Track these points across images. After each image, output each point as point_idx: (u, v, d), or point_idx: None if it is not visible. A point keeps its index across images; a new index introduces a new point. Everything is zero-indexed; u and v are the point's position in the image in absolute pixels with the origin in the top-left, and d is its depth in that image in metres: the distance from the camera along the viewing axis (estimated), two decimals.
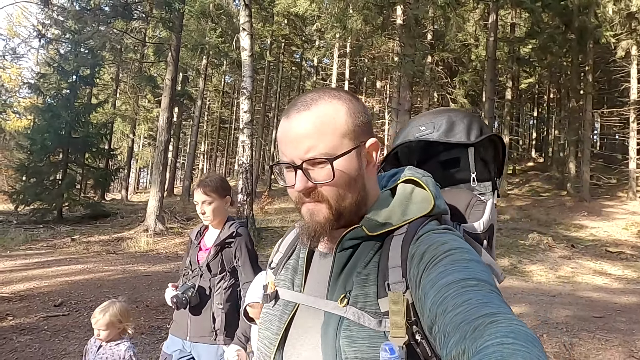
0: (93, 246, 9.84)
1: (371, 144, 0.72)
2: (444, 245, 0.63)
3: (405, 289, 0.63)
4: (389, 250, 0.68)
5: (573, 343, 3.85)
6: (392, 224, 0.69)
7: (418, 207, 0.71)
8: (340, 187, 0.68)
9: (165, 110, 11.14)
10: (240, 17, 9.51)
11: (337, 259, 0.71)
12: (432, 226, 0.69)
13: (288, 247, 0.84)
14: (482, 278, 0.56)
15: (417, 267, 0.62)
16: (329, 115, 0.68)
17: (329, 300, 0.68)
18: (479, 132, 0.95)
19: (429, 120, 0.98)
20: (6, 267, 7.03)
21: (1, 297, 5.16)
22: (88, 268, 7.03)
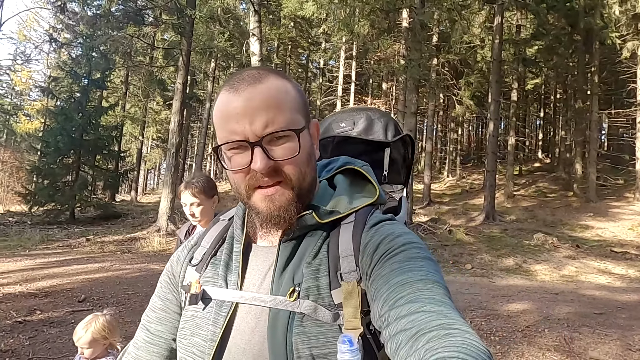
0: (107, 246, 10.13)
1: (315, 124, 0.71)
2: (399, 238, 0.61)
3: (359, 279, 0.61)
4: (339, 239, 0.65)
5: (573, 337, 4.03)
6: (340, 212, 0.67)
7: (363, 196, 0.71)
8: (302, 164, 0.65)
9: (176, 113, 11.43)
10: (249, 23, 9.76)
11: (281, 250, 0.67)
12: (381, 216, 0.68)
13: (214, 241, 0.75)
14: (435, 280, 0.55)
15: (370, 258, 0.60)
16: (282, 90, 0.64)
17: (275, 295, 0.63)
18: (394, 132, 0.97)
19: (349, 117, 0.99)
20: (27, 266, 7.33)
21: (28, 293, 5.44)
22: (105, 267, 7.31)
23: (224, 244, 0.73)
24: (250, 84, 0.62)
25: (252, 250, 0.70)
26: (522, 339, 3.99)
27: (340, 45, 19.32)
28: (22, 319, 4.45)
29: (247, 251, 0.70)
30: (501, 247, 9.96)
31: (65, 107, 16.77)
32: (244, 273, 0.68)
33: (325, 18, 19.86)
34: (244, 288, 0.67)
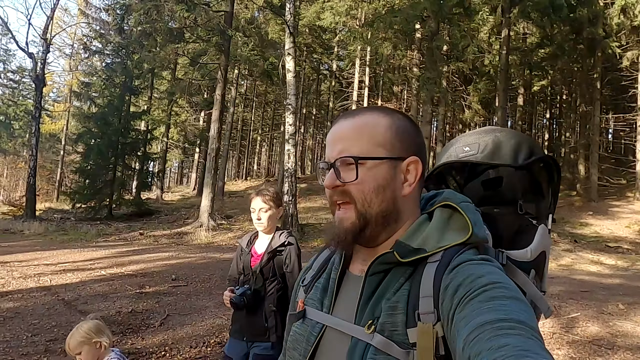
0: (160, 239, 11.54)
1: (411, 161, 0.72)
2: (481, 279, 0.59)
3: (435, 321, 0.60)
4: (421, 278, 0.65)
5: (561, 305, 5.33)
6: (426, 250, 0.67)
7: (454, 235, 0.68)
8: (366, 191, 0.69)
9: (216, 121, 12.80)
10: (285, 43, 11.07)
11: (367, 283, 0.69)
12: (468, 255, 0.65)
13: (320, 265, 0.83)
14: (521, 319, 0.51)
15: (450, 300, 0.59)
16: (369, 124, 0.71)
17: (357, 325, 0.67)
18: (528, 154, 0.89)
19: (474, 141, 0.93)
20: (108, 254, 8.74)
21: (128, 274, 6.83)
22: (173, 255, 8.70)
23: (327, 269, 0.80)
24: (345, 118, 0.74)
25: (346, 278, 0.75)
26: None
27: (356, 54, 20.58)
28: (139, 291, 5.83)
29: (342, 278, 0.75)
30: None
31: (105, 111, 18.17)
32: (337, 299, 0.74)
33: (341, 28, 21.20)
34: (334, 313, 0.72)
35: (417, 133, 0.75)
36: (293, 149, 10.74)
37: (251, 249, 2.23)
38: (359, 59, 22.11)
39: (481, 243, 0.70)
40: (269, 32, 21.80)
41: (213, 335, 4.16)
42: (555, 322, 4.69)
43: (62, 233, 12.97)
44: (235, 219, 15.64)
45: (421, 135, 0.76)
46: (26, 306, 5.01)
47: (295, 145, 10.84)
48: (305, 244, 10.49)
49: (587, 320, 4.81)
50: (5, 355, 3.58)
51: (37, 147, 16.28)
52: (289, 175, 10.74)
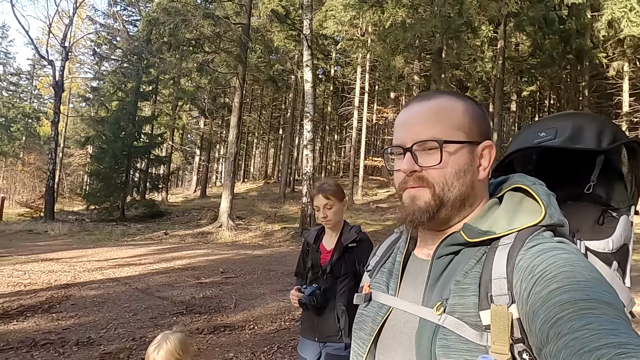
0: (186, 238, 12.26)
1: (486, 145, 0.71)
2: (558, 258, 0.57)
3: (510, 303, 0.59)
4: (493, 260, 0.63)
5: None
6: (495, 232, 0.66)
7: (526, 217, 0.66)
8: (447, 175, 0.68)
9: (234, 127, 13.58)
10: (303, 55, 11.90)
11: (434, 265, 0.70)
12: (544, 238, 0.63)
13: (385, 250, 0.84)
14: (605, 300, 0.49)
15: (526, 281, 0.57)
16: (447, 107, 0.70)
17: (424, 306, 0.67)
18: (612, 138, 0.84)
19: (551, 125, 0.88)
20: (146, 252, 9.47)
21: (178, 268, 7.60)
22: (208, 252, 9.47)
23: (392, 253, 0.81)
24: (418, 101, 0.72)
25: (411, 261, 0.76)
26: None
27: (358, 62, 21.51)
28: (198, 281, 6.61)
29: (406, 261, 0.76)
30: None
31: (118, 116, 18.79)
32: (402, 281, 0.74)
33: (343, 36, 22.13)
34: (400, 295, 0.73)
35: (487, 118, 0.75)
36: (311, 154, 11.58)
37: (319, 245, 2.13)
38: (360, 67, 23.05)
39: (556, 226, 0.67)
40: (274, 39, 22.62)
41: (284, 314, 4.98)
42: None
43: (88, 233, 13.60)
44: (248, 220, 16.40)
45: (488, 118, 0.75)
46: (109, 294, 5.76)
47: (313, 150, 11.68)
48: None
49: None
50: (124, 328, 4.36)
51: (55, 151, 16.83)
52: (307, 178, 11.56)
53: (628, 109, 21.61)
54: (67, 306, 5.13)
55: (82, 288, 6.02)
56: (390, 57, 12.95)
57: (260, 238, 12.14)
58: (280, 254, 9.56)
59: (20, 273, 6.92)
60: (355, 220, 16.48)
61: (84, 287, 6.06)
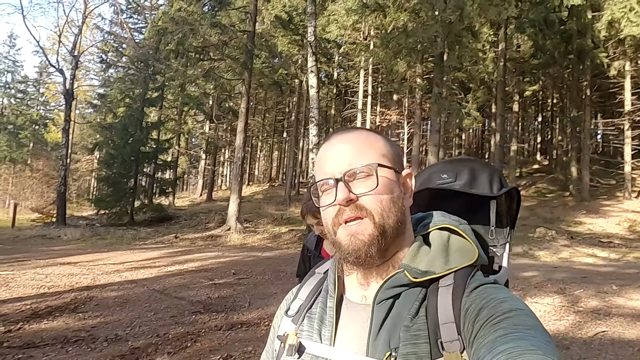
0: (196, 241, 12.57)
1: (407, 173, 0.73)
2: (503, 304, 0.58)
3: (462, 349, 0.59)
4: (437, 303, 0.63)
5: (566, 287, 6.50)
6: (434, 272, 0.65)
7: (459, 257, 0.67)
8: (384, 200, 0.67)
9: (241, 132, 13.89)
10: (308, 62, 12.19)
11: (376, 311, 0.65)
12: (482, 278, 0.65)
13: (310, 293, 0.78)
14: (548, 351, 0.51)
15: (472, 324, 0.58)
16: (369, 139, 0.71)
17: (370, 357, 0.63)
18: (500, 185, 0.93)
19: (451, 169, 0.95)
20: (160, 255, 9.77)
21: (192, 270, 7.89)
22: (218, 255, 9.76)
23: (319, 297, 0.75)
24: (341, 134, 0.72)
25: (345, 305, 0.71)
26: (535, 289, 6.45)
27: (361, 65, 21.79)
28: (212, 282, 6.90)
29: (339, 306, 0.71)
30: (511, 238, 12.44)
31: (126, 122, 19.18)
32: (337, 329, 0.69)
33: (346, 40, 22.44)
34: (337, 344, 0.68)
35: (399, 150, 0.77)
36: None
37: (320, 250, 2.17)
38: (363, 70, 23.34)
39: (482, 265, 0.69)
40: (278, 44, 22.94)
41: None
42: (562, 299, 5.85)
43: (100, 238, 13.93)
44: (255, 223, 16.70)
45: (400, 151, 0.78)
46: (128, 295, 6.06)
47: None
48: None
49: (588, 297, 5.97)
50: (147, 326, 4.65)
51: (67, 157, 17.21)
52: (313, 182, 11.81)
53: (630, 108, 21.75)
54: (92, 306, 5.43)
55: (103, 290, 6.32)
56: (393, 61, 13.23)
57: (269, 240, 12.42)
58: (289, 256, 9.83)
59: (42, 276, 7.23)
60: None
61: (104, 289, 6.36)
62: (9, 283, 6.66)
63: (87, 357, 3.71)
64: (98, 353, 3.83)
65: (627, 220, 16.70)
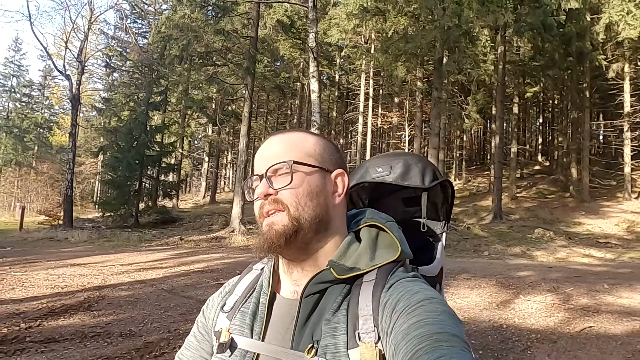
0: (200, 243, 12.85)
1: (338, 173, 0.76)
2: (417, 295, 0.63)
3: (377, 339, 0.62)
4: (359, 297, 0.66)
5: (559, 286, 6.74)
6: (360, 268, 0.69)
7: (384, 253, 0.71)
8: (300, 195, 0.70)
9: (244, 136, 14.18)
10: (310, 67, 12.47)
11: (303, 305, 0.69)
12: (401, 273, 0.70)
13: (245, 289, 0.80)
14: (454, 333, 0.56)
15: (389, 317, 0.62)
16: (298, 139, 0.75)
17: (294, 350, 0.67)
18: (432, 177, 0.97)
19: (386, 163, 0.99)
20: (166, 256, 10.05)
21: (198, 270, 8.17)
22: (224, 256, 10.03)
23: (254, 292, 0.77)
24: (274, 135, 0.76)
25: (277, 301, 0.74)
26: (529, 288, 6.70)
27: (362, 68, 22.08)
28: (218, 282, 7.16)
29: (272, 302, 0.74)
30: (509, 239, 12.69)
31: (131, 126, 19.50)
32: (268, 324, 0.72)
33: (347, 44, 22.75)
34: (267, 339, 0.71)
35: (339, 153, 0.80)
36: None
37: None
38: (364, 73, 23.63)
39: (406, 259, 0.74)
40: (280, 48, 23.27)
41: None
42: (554, 297, 6.09)
43: (106, 240, 14.23)
44: (257, 225, 16.95)
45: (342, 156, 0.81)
46: (138, 294, 6.33)
47: None
48: None
49: (579, 295, 6.21)
50: (159, 323, 4.92)
51: (73, 161, 17.53)
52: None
53: (629, 109, 21.96)
54: (104, 305, 5.70)
55: (114, 289, 6.60)
56: (393, 65, 13.51)
57: None
58: None
59: (54, 277, 7.52)
60: None
61: (115, 289, 6.64)
62: (24, 283, 6.95)
63: (104, 351, 3.98)
64: (114, 347, 4.11)
65: (626, 221, 16.91)
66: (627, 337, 4.45)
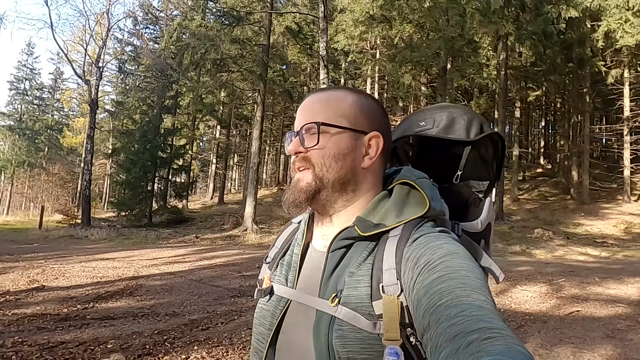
0: (216, 241, 13.52)
1: (372, 135, 0.76)
2: (439, 250, 0.63)
3: (399, 292, 0.64)
4: (384, 252, 0.68)
5: (553, 279, 7.37)
6: (385, 225, 0.70)
7: (413, 209, 0.72)
8: (326, 156, 0.72)
9: (256, 139, 14.87)
10: (320, 74, 13.14)
11: (329, 258, 0.73)
12: (427, 228, 0.70)
13: (284, 242, 0.85)
14: (476, 286, 0.56)
15: (411, 271, 0.62)
16: (335, 98, 0.76)
17: (321, 298, 0.70)
18: (478, 130, 0.92)
19: (430, 116, 0.95)
20: (187, 252, 10.72)
21: (220, 264, 8.83)
22: (241, 252, 10.69)
23: (291, 245, 0.83)
24: (314, 93, 0.78)
25: (309, 253, 0.79)
26: (526, 280, 7.33)
27: (368, 74, 22.76)
28: (241, 274, 7.82)
29: (305, 253, 0.79)
30: (510, 239, 13.30)
31: (145, 129, 20.24)
32: (300, 273, 0.76)
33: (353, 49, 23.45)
34: (298, 287, 0.75)
35: (382, 113, 0.79)
36: None
37: None
38: (370, 78, 24.31)
39: (438, 216, 0.74)
40: (288, 54, 23.98)
41: None
42: (548, 287, 6.72)
43: (125, 238, 14.92)
44: (268, 224, 17.64)
45: (386, 116, 0.79)
46: (171, 283, 7.00)
47: None
48: None
49: (571, 286, 6.83)
50: (196, 306, 5.58)
51: (91, 162, 18.26)
52: None
53: (629, 114, 22.52)
54: (143, 292, 6.37)
55: (148, 279, 7.27)
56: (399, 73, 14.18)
57: None
58: None
59: (89, 269, 8.20)
60: None
61: (148, 279, 7.31)
62: (64, 274, 7.64)
63: (157, 326, 4.65)
64: (164, 323, 4.77)
65: (624, 222, 17.46)
66: (610, 319, 5.08)
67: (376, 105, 0.79)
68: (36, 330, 4.40)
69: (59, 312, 5.13)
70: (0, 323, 4.58)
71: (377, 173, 0.78)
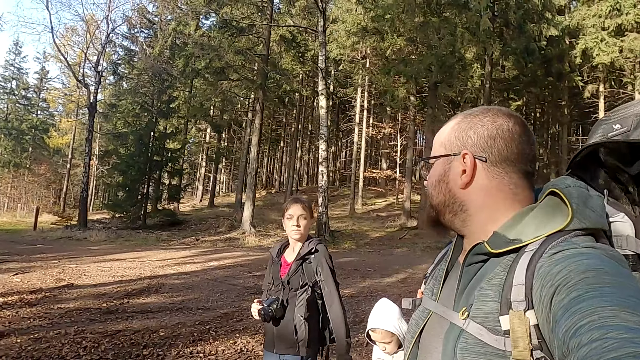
0: (216, 243, 14.01)
1: (463, 154, 0.74)
2: (579, 264, 0.56)
3: (527, 308, 0.59)
4: (516, 267, 0.63)
5: None
6: (521, 240, 0.65)
7: (554, 222, 0.65)
8: (430, 186, 0.79)
9: (255, 145, 15.44)
10: (319, 85, 13.83)
11: (464, 272, 0.73)
12: (570, 243, 0.61)
13: (439, 258, 0.89)
14: (626, 305, 0.49)
15: (546, 288, 0.57)
16: (446, 125, 0.80)
17: (454, 311, 0.71)
18: None
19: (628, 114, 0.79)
20: (193, 254, 11.22)
21: (229, 265, 9.39)
22: (245, 254, 11.25)
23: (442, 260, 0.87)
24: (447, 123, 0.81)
25: (454, 267, 0.80)
26: None
27: (359, 83, 23.58)
28: (251, 274, 8.41)
29: (450, 268, 0.81)
30: None
31: (141, 133, 20.54)
32: (443, 287, 0.79)
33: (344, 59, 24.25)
34: (440, 300, 0.78)
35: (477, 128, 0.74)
36: (326, 170, 13.46)
37: (281, 258, 2.20)
38: (360, 87, 25.14)
39: (595, 231, 0.64)
40: (282, 62, 24.61)
41: None
42: None
43: (124, 239, 15.26)
44: (264, 227, 18.17)
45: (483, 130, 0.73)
46: (191, 282, 7.54)
47: (327, 166, 13.56)
48: (336, 246, 13.18)
49: None
50: (222, 301, 6.16)
51: (89, 164, 18.46)
52: (322, 191, 13.43)
53: None
54: (167, 289, 6.90)
55: (167, 278, 7.79)
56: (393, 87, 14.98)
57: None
58: None
59: (107, 269, 8.66)
60: (359, 227, 18.30)
61: (168, 278, 7.83)
62: (85, 273, 8.09)
63: (195, 318, 5.22)
64: (199, 316, 5.34)
65: None
66: None
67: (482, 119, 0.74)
68: (88, 321, 4.92)
69: (99, 306, 5.65)
70: (52, 315, 5.09)
71: (488, 188, 0.73)
